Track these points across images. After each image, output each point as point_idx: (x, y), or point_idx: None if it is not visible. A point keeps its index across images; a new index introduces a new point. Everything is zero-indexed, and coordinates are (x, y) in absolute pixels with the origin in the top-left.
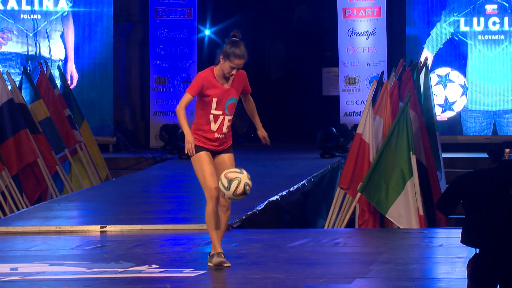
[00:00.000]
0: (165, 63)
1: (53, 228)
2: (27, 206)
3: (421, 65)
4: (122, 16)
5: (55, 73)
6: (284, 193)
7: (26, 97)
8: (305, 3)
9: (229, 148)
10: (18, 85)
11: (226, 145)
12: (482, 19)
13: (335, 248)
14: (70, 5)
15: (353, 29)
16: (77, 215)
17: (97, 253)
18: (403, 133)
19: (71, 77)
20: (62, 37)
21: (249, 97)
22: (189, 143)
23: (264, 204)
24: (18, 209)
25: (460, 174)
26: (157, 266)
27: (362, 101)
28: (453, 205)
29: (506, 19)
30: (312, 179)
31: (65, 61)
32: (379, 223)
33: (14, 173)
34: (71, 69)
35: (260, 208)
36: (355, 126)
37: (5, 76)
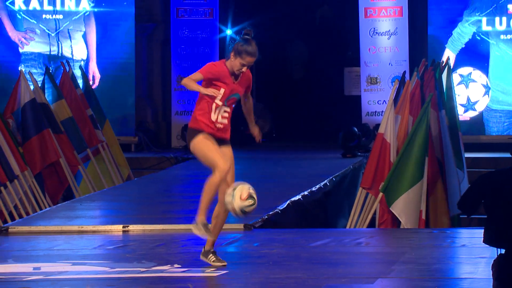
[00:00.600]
0: (186, 63)
1: (75, 228)
2: (49, 206)
3: (443, 64)
4: (144, 16)
5: (77, 73)
6: (306, 193)
7: (49, 97)
8: (326, 3)
9: (228, 141)
10: (40, 85)
11: (226, 135)
12: (504, 18)
13: (357, 248)
14: (92, 5)
15: (374, 28)
16: (99, 215)
17: (119, 252)
18: (421, 134)
19: (93, 77)
20: (84, 37)
21: (249, 95)
22: (207, 90)
23: (286, 204)
24: (41, 209)
25: (482, 174)
26: (179, 266)
27: (384, 101)
28: (474, 205)
29: None
30: (334, 179)
31: (87, 61)
32: (398, 223)
33: (37, 172)
34: (93, 69)
35: (282, 208)
36: (377, 126)
37: (28, 76)
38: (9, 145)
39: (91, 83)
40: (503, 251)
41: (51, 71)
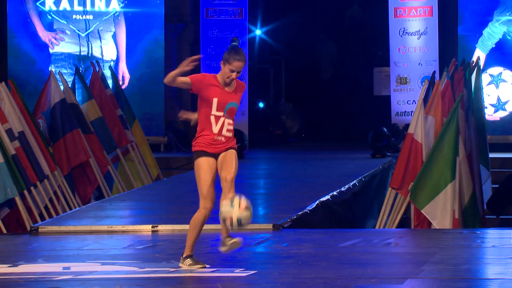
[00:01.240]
0: (216, 63)
1: (105, 228)
2: (79, 206)
3: (473, 64)
4: (174, 16)
5: (107, 73)
6: (335, 193)
7: (79, 97)
8: (356, 2)
9: (233, 147)
10: (70, 86)
11: (229, 145)
12: None
13: (386, 248)
14: (122, 5)
15: (404, 28)
16: (128, 215)
17: (148, 252)
18: (451, 134)
19: (123, 77)
20: (114, 37)
21: None
22: (187, 60)
23: (315, 204)
24: (71, 209)
25: (510, 174)
26: (208, 266)
27: (414, 101)
28: (502, 205)
29: None
30: (363, 179)
31: (116, 61)
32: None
33: (66, 172)
34: (123, 69)
35: (311, 208)
36: (407, 126)
37: (58, 76)
38: (39, 145)
39: (120, 83)
40: None
41: (81, 71)
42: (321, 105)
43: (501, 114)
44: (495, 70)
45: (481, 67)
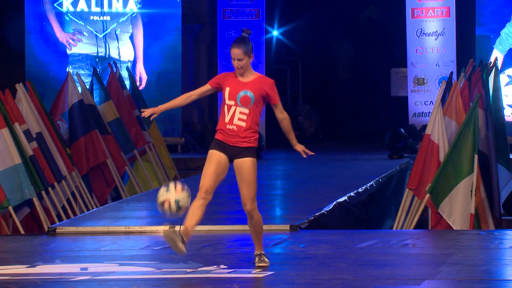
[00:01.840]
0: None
1: (122, 228)
2: (96, 207)
3: (490, 65)
4: (191, 17)
5: (124, 74)
6: (352, 194)
7: (96, 98)
8: (373, 3)
9: (249, 150)
10: (88, 87)
11: (242, 143)
12: None
13: (404, 249)
14: (139, 6)
15: (421, 29)
16: (146, 216)
17: (166, 253)
18: (469, 133)
19: (140, 78)
20: (131, 38)
21: (279, 110)
22: (148, 111)
23: (332, 205)
24: (88, 209)
25: None
26: (226, 267)
27: (431, 101)
28: None
29: None
30: (380, 180)
31: (134, 62)
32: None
33: (84, 173)
34: (140, 70)
35: (328, 209)
36: (424, 127)
37: (75, 77)
38: (56, 146)
39: (138, 84)
40: None
41: (98, 72)
42: (338, 106)
43: None
44: None
45: (499, 68)
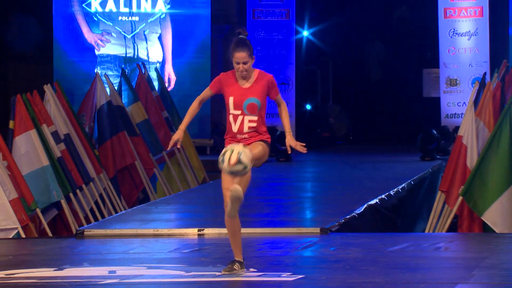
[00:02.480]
0: (262, 65)
1: (151, 231)
2: (125, 209)
3: None
4: (220, 18)
5: (153, 75)
6: (383, 196)
7: (124, 99)
8: (405, 3)
9: (261, 140)
10: (116, 88)
11: (257, 140)
12: None
13: (436, 252)
14: (168, 6)
15: (454, 29)
16: (174, 218)
17: (195, 256)
18: (505, 136)
19: (169, 79)
20: (160, 39)
21: (279, 102)
22: (172, 140)
23: (363, 208)
24: (116, 212)
25: None
26: (255, 270)
27: (464, 102)
28: None
29: None
30: (412, 182)
31: (162, 63)
32: (481, 227)
33: (112, 175)
34: (169, 71)
35: (359, 212)
36: (457, 128)
37: (103, 78)
38: (85, 148)
39: (166, 85)
40: None
41: (127, 73)
42: (369, 107)
43: None
44: None
45: None
